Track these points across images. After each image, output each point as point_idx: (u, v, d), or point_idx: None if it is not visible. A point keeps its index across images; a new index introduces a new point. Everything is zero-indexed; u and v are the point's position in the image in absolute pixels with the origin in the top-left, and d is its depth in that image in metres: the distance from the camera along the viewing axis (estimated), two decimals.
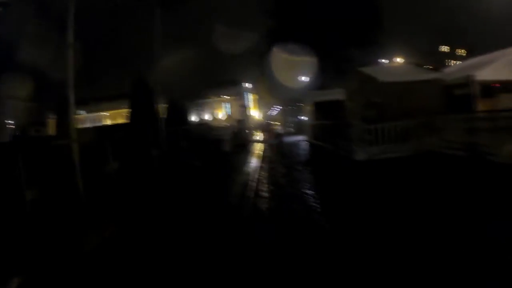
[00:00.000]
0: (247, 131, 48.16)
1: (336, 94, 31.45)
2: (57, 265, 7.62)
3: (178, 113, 29.52)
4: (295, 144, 31.13)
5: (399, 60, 61.35)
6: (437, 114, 18.42)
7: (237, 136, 35.35)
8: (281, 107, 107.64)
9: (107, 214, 10.76)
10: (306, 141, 32.41)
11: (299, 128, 52.75)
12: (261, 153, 25.34)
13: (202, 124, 53.46)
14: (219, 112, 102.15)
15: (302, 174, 19.79)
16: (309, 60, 52.19)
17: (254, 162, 20.72)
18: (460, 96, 19.62)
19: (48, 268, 7.49)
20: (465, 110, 18.05)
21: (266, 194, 16.53)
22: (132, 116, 27.54)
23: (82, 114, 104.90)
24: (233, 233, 9.87)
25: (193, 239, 9.57)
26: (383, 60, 63.40)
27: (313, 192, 16.25)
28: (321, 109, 29.67)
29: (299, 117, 67.43)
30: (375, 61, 61.74)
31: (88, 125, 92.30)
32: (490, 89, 19.26)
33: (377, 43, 48.70)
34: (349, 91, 24.62)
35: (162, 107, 25.41)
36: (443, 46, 52.05)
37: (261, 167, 20.22)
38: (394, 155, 17.88)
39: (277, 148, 30.18)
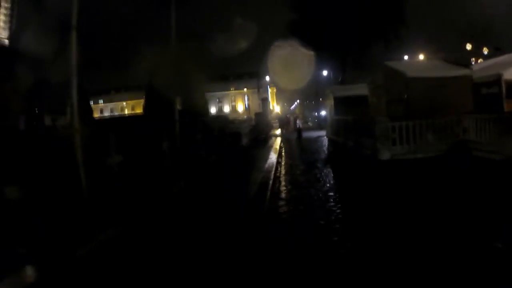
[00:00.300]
0: (265, 124, 47.11)
1: (359, 89, 30.35)
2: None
3: (194, 105, 28.50)
4: (314, 140, 30.10)
5: (421, 57, 59.89)
6: (466, 113, 17.33)
7: (255, 129, 34.37)
8: (300, 101, 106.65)
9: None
10: (326, 137, 31.41)
11: (319, 123, 51.59)
12: (279, 148, 24.34)
13: (220, 116, 52.58)
14: (239, 104, 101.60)
15: (322, 173, 18.47)
16: (330, 55, 51.02)
17: (271, 158, 19.61)
18: (487, 95, 18.61)
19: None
20: (492, 110, 16.92)
21: (283, 195, 15.27)
22: (147, 106, 26.72)
23: (101, 103, 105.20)
24: (244, 242, 8.48)
25: (196, 246, 8.24)
26: (405, 57, 62.10)
27: (334, 195, 14.78)
28: (342, 104, 28.59)
29: (318, 112, 66.20)
30: (397, 57, 60.48)
31: (106, 114, 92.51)
32: None
33: (399, 39, 47.15)
34: (373, 87, 23.51)
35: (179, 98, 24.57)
36: (467, 44, 50.12)
37: (278, 163, 19.16)
38: (421, 155, 16.84)
39: (296, 143, 29.17)
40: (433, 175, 14.38)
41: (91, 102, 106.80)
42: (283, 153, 23.16)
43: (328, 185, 16.61)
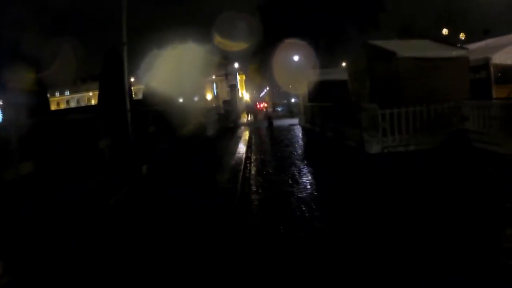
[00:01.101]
0: (234, 113, 44.04)
1: (336, 74, 27.67)
2: None
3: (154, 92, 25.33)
4: (287, 129, 26.73)
5: None
6: (464, 99, 14.90)
7: (223, 118, 31.29)
8: (269, 88, 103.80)
9: None
10: (299, 125, 28.54)
11: (290, 111, 48.51)
12: (249, 139, 21.26)
13: (184, 105, 49.44)
14: (207, 92, 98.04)
15: (301, 172, 14.49)
16: (303, 40, 48.14)
17: (239, 152, 16.38)
18: (474, 80, 16.79)
19: None
20: (480, 96, 15.58)
21: (255, 209, 10.67)
22: (100, 95, 23.32)
23: (67, 94, 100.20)
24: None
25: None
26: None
27: (318, 204, 10.79)
28: (318, 90, 25.75)
29: (289, 99, 63.44)
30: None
31: (72, 105, 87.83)
32: (505, 74, 17.48)
33: (375, 23, 44.45)
34: (353, 70, 20.68)
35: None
36: (443, 29, 47.91)
37: (247, 159, 16.20)
38: (415, 147, 14.34)
39: (267, 133, 26.05)
40: (430, 171, 11.78)
41: (57, 94, 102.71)
42: (252, 145, 20.05)
43: (309, 187, 12.80)
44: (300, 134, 22.15)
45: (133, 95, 22.01)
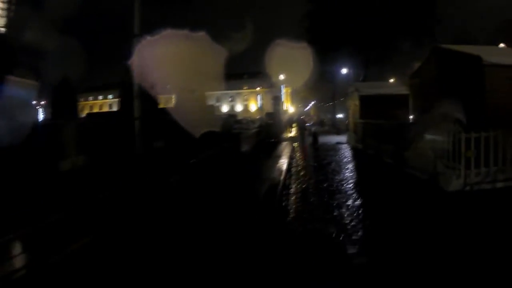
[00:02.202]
0: (277, 126, 40.54)
1: (390, 87, 23.98)
2: None
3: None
4: (334, 149, 22.54)
5: None
6: None
7: (264, 131, 27.85)
8: (315, 102, 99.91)
9: None
10: (347, 144, 24.80)
11: (337, 128, 44.47)
12: (290, 159, 17.52)
13: (226, 116, 45.88)
14: (251, 104, 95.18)
15: (353, 216, 8.35)
16: (351, 51, 44.28)
17: (275, 178, 12.66)
18: None
19: None
20: None
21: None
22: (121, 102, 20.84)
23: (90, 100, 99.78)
24: None
25: None
26: None
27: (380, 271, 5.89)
28: (371, 105, 22.11)
29: (334, 114, 59.38)
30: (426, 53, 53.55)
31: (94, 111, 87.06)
32: None
33: (430, 34, 39.98)
34: (418, 82, 16.92)
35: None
36: (500, 44, 42.95)
37: (282, 193, 10.65)
38: (503, 183, 10.56)
39: (311, 152, 22.40)
40: None
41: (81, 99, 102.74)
42: (293, 169, 16.09)
43: (365, 243, 6.97)
44: (350, 157, 18.30)
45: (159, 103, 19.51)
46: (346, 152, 20.45)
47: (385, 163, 15.13)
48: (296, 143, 26.95)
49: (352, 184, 11.62)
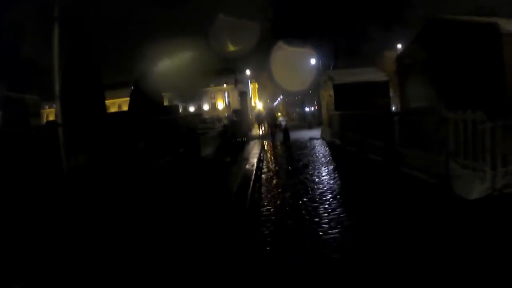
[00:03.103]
0: (244, 123, 37.53)
1: (368, 74, 21.35)
2: None
3: (152, 101, 19.46)
4: (308, 146, 19.31)
5: None
6: None
7: (230, 130, 24.83)
8: (283, 97, 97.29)
9: None
10: (323, 140, 21.99)
11: (309, 122, 41.49)
12: (258, 162, 14.44)
13: (188, 115, 42.39)
14: (219, 102, 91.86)
15: (347, 234, 6.32)
16: (319, 40, 41.58)
17: (239, 193, 9.55)
18: None
19: None
20: None
21: None
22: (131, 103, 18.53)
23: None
24: None
25: None
26: (399, 45, 52.95)
27: None
28: (348, 94, 19.47)
29: (303, 108, 56.62)
30: (396, 44, 51.23)
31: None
32: None
33: (400, 20, 37.43)
34: (408, 62, 14.21)
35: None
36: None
37: (254, 204, 8.45)
38: None
39: (283, 150, 19.41)
40: None
41: None
42: (263, 174, 13.07)
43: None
44: (329, 155, 15.29)
45: None
46: (323, 149, 17.57)
47: (374, 162, 12.34)
48: (265, 141, 24.06)
49: (339, 196, 8.72)
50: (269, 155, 17.87)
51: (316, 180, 10.66)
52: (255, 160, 14.40)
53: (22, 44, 22.61)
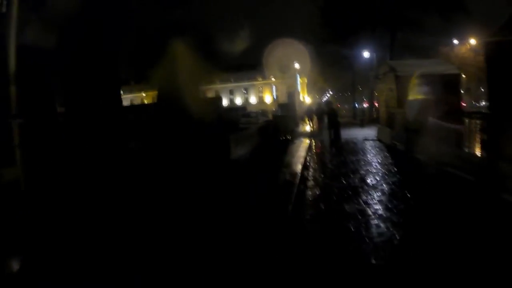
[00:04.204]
0: (291, 118, 34.25)
1: (436, 65, 17.79)
2: None
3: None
4: (364, 150, 16.25)
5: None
6: None
7: (271, 126, 21.73)
8: (332, 93, 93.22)
9: None
10: (379, 142, 18.46)
11: (360, 119, 37.39)
12: (302, 170, 11.16)
13: (232, 109, 39.39)
14: (266, 95, 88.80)
15: None
16: (372, 33, 37.75)
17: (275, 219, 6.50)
18: None
19: None
20: None
21: None
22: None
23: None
24: None
25: None
26: (455, 41, 48.15)
27: None
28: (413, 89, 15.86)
29: (354, 104, 52.53)
30: (455, 37, 46.50)
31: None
32: None
33: (461, 9, 32.84)
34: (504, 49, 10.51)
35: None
36: None
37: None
38: None
39: (334, 155, 15.94)
40: None
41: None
42: (308, 198, 9.55)
43: None
44: (393, 167, 11.81)
45: None
46: (384, 158, 14.04)
47: (460, 181, 8.89)
48: (314, 140, 20.78)
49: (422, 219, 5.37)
50: (317, 162, 14.55)
51: (384, 215, 7.29)
52: (297, 170, 11.21)
53: None
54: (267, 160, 13.17)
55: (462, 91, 17.72)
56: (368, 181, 10.02)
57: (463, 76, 34.68)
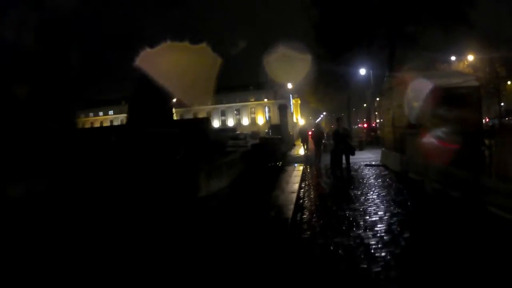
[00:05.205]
0: (284, 141, 31.19)
1: (452, 77, 14.88)
2: None
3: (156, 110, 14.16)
4: (369, 181, 12.66)
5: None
6: None
7: (259, 151, 18.62)
8: (326, 114, 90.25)
9: None
10: (385, 168, 15.34)
11: (359, 141, 34.03)
12: (294, 224, 8.12)
13: (221, 130, 36.06)
14: (259, 116, 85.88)
15: None
16: (369, 48, 35.04)
17: None
18: None
19: None
20: None
21: None
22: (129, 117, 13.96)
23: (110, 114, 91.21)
24: None
25: None
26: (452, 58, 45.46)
27: None
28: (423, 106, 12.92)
29: (350, 125, 49.55)
30: (453, 54, 43.82)
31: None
32: None
33: (464, 21, 30.05)
34: None
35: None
36: None
37: None
38: None
39: (335, 187, 12.73)
40: None
41: (101, 113, 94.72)
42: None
43: None
44: (416, 211, 8.76)
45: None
46: (397, 192, 10.88)
47: None
48: (309, 168, 17.70)
49: None
50: (317, 203, 11.22)
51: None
52: (288, 215, 8.07)
53: None
54: (247, 199, 9.94)
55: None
56: (391, 231, 6.87)
57: None
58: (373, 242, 6.34)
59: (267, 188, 11.49)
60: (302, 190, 11.68)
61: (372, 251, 5.97)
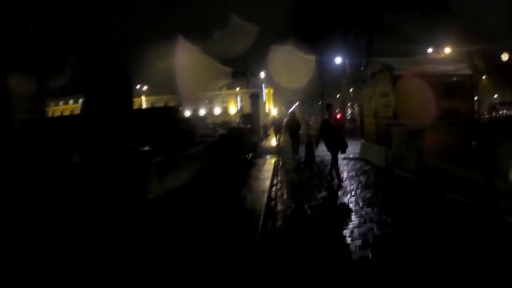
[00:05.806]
0: (255, 131, 29.46)
1: (443, 64, 13.47)
2: None
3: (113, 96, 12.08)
4: (352, 179, 10.91)
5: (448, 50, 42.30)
6: None
7: (227, 143, 16.86)
8: (298, 103, 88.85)
9: None
10: (366, 163, 13.83)
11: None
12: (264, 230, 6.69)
13: (191, 120, 34.10)
14: (231, 106, 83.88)
15: None
16: (345, 36, 33.59)
17: None
18: None
19: None
20: None
21: None
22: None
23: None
24: None
25: None
26: (429, 50, 44.32)
27: None
28: (415, 93, 11.38)
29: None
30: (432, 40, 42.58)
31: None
32: None
33: (446, 8, 28.75)
34: None
35: None
36: None
37: None
38: None
39: (311, 184, 11.14)
40: None
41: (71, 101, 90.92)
42: None
43: None
44: (399, 204, 7.38)
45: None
46: (386, 193, 9.35)
47: None
48: (281, 160, 16.06)
49: None
50: (291, 206, 9.48)
51: None
52: (258, 222, 6.39)
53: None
54: (205, 200, 8.17)
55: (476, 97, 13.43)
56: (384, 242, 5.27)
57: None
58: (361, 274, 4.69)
59: (233, 186, 9.75)
60: (274, 188, 9.99)
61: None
